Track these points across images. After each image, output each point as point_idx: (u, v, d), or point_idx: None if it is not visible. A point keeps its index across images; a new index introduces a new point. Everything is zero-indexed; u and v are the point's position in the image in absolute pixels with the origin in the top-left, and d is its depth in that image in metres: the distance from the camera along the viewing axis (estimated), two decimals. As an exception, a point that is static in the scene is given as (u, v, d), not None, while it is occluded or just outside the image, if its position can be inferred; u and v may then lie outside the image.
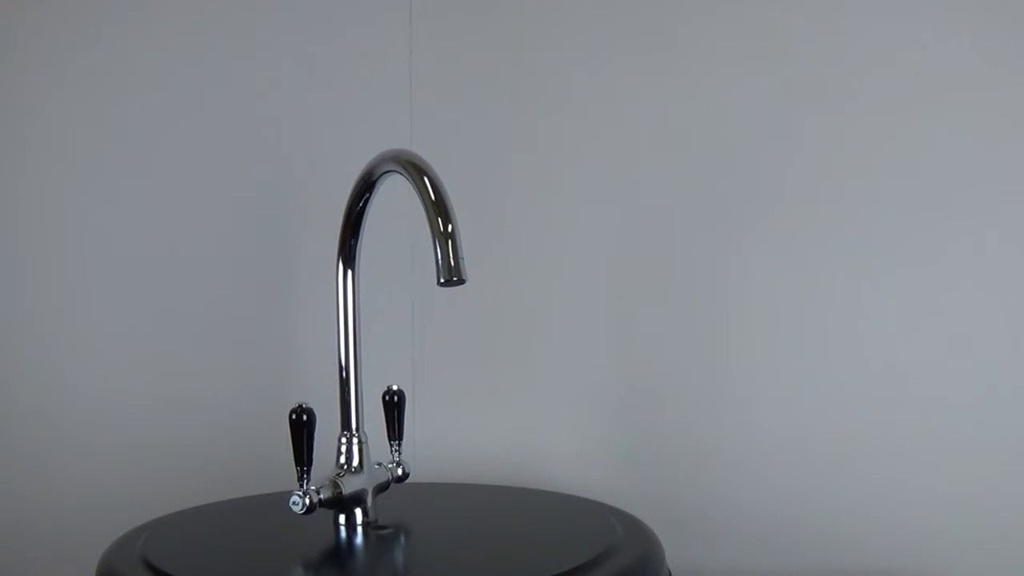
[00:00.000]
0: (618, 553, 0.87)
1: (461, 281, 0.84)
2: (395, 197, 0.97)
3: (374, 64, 1.27)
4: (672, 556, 0.94)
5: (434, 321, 1.28)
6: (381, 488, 0.99)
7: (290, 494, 0.89)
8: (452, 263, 0.84)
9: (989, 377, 1.12)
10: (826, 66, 1.16)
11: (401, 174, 0.90)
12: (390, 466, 1.01)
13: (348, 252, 0.97)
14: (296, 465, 0.90)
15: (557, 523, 1.01)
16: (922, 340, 1.13)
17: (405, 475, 1.02)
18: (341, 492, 0.93)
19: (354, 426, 0.97)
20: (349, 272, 0.97)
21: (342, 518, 0.95)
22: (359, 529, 0.95)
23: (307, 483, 0.90)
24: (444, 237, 0.84)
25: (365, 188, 0.95)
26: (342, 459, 0.96)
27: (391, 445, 1.02)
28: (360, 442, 0.97)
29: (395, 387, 1.03)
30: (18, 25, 1.28)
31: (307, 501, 0.90)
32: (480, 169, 1.26)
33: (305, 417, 0.89)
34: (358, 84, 1.27)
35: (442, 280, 0.84)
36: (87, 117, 1.28)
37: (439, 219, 0.84)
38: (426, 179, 0.86)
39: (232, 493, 1.07)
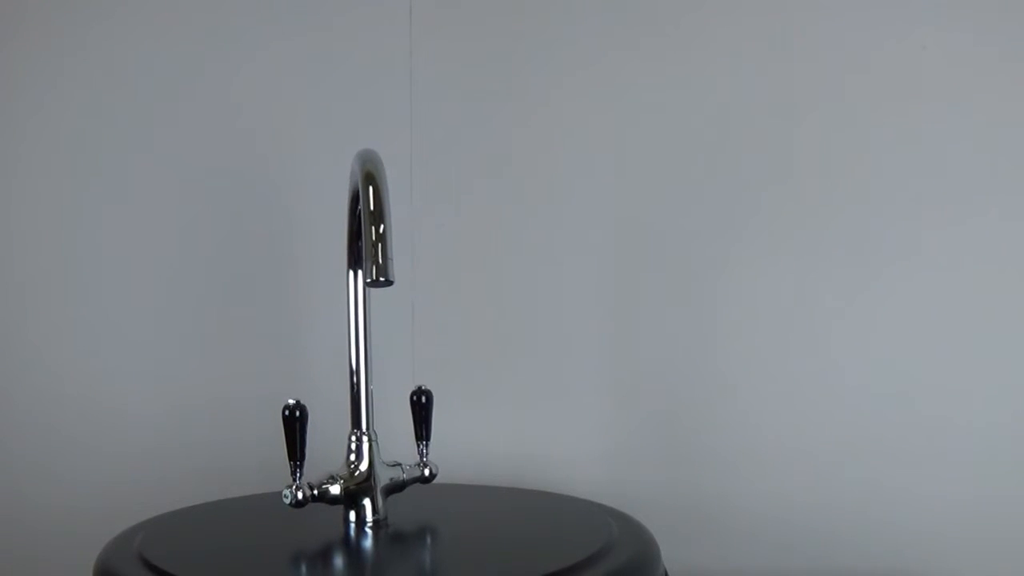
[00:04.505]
0: (614, 552, 0.87)
1: (389, 282, 0.88)
2: (395, 198, 0.97)
3: (374, 64, 1.28)
4: (668, 556, 0.94)
5: (434, 321, 1.28)
6: (395, 487, 1.00)
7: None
8: (380, 263, 0.87)
9: (987, 376, 1.14)
10: (824, 66, 1.17)
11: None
12: (408, 466, 1.01)
13: (356, 254, 0.99)
14: (289, 460, 0.93)
15: (553, 523, 1.01)
16: (921, 340, 1.15)
17: (432, 475, 1.03)
18: (336, 488, 0.95)
19: (364, 424, 0.99)
20: (359, 273, 1.00)
21: (352, 515, 0.98)
22: (358, 527, 0.97)
23: (300, 477, 0.93)
24: (374, 243, 0.87)
25: (357, 192, 0.97)
26: (352, 457, 0.98)
27: (418, 445, 1.03)
28: (370, 440, 0.99)
29: (423, 386, 1.04)
30: (12, 26, 1.30)
31: (298, 495, 0.93)
32: (480, 168, 1.27)
33: (298, 413, 0.93)
34: (358, 84, 1.29)
35: (369, 280, 0.87)
36: (85, 117, 1.30)
37: (372, 226, 0.87)
38: (370, 188, 0.89)
39: (237, 495, 1.11)
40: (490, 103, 1.27)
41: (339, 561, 0.92)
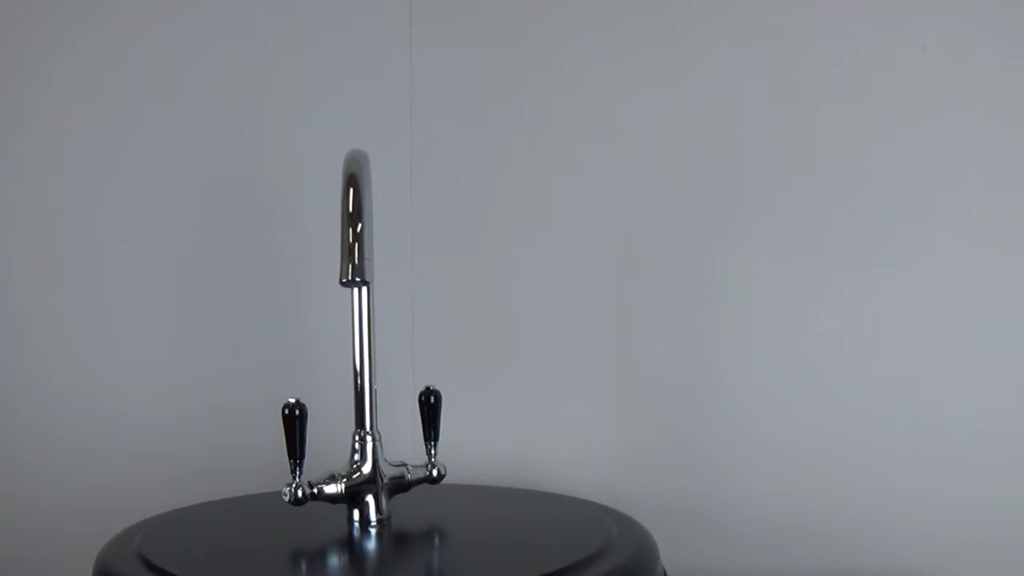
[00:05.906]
0: (613, 552, 0.88)
1: (365, 282, 0.89)
2: (395, 196, 0.97)
3: (374, 64, 1.28)
4: (668, 556, 0.95)
5: (434, 321, 1.28)
6: (400, 487, 1.00)
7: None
8: (356, 263, 0.88)
9: (985, 377, 1.13)
10: (823, 65, 1.17)
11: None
12: (413, 467, 1.01)
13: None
14: (289, 458, 0.93)
15: (552, 522, 1.01)
16: (919, 342, 1.15)
17: (440, 476, 1.02)
18: (335, 487, 0.95)
19: (367, 424, 0.98)
20: (361, 274, 0.99)
21: (356, 515, 0.97)
22: (361, 526, 0.97)
23: (299, 475, 0.93)
24: (351, 243, 0.89)
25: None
26: (356, 456, 0.98)
27: (427, 445, 1.03)
28: (373, 440, 0.98)
29: (432, 387, 1.03)
30: (10, 25, 1.30)
31: (297, 493, 0.93)
32: (480, 168, 1.27)
33: (297, 411, 0.93)
34: (358, 84, 1.29)
35: (344, 280, 0.88)
36: (87, 119, 1.29)
37: (350, 227, 0.89)
38: (350, 189, 0.91)
39: (237, 494, 1.11)
40: (490, 101, 1.27)
41: (340, 561, 0.92)
